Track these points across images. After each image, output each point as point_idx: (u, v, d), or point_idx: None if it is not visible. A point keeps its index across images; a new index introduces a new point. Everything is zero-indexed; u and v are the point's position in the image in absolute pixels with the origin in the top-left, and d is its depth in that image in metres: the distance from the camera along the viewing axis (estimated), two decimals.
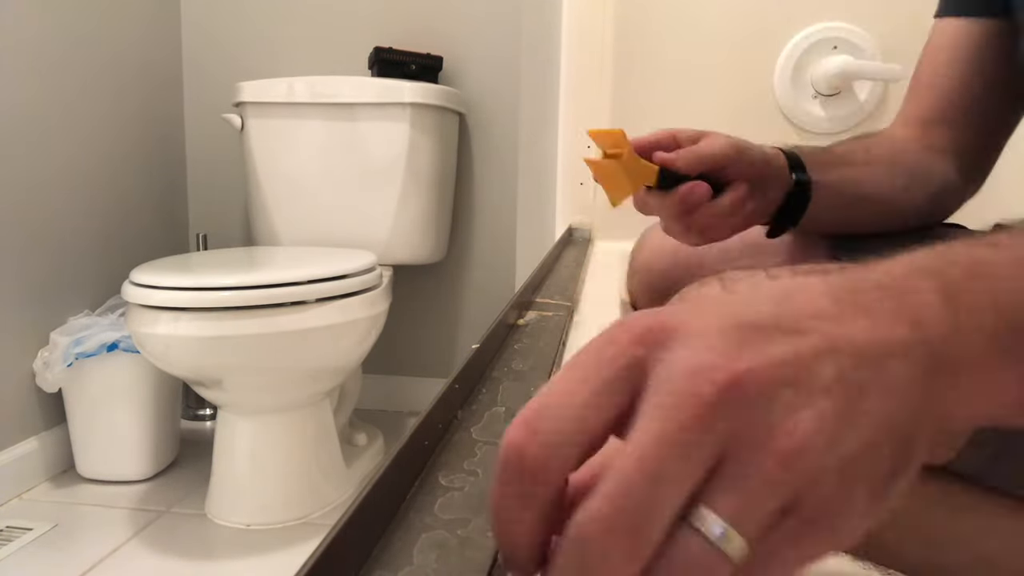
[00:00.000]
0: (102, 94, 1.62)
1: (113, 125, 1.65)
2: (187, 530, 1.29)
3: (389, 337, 1.64)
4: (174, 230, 1.87)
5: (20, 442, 1.41)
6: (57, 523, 1.29)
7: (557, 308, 0.69)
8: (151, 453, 1.47)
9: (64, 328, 1.45)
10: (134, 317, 1.20)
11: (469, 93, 1.75)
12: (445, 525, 0.29)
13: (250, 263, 1.43)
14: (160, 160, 1.81)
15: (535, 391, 0.44)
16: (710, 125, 0.91)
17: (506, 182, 1.77)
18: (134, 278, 1.20)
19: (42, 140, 1.46)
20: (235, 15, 1.83)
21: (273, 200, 1.62)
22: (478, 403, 0.42)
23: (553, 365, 0.50)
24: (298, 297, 1.21)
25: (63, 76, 1.50)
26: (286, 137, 1.59)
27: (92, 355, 1.38)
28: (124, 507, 1.37)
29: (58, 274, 1.50)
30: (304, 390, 1.34)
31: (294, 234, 1.62)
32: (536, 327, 0.61)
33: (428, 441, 0.36)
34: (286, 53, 1.80)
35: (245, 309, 1.17)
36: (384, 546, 0.27)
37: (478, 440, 0.37)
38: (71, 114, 1.53)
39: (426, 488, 0.32)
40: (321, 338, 1.26)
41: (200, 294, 1.15)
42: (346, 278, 1.28)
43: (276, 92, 1.57)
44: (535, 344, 0.56)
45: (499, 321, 0.56)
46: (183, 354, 1.19)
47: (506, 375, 0.48)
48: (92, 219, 1.59)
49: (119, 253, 1.64)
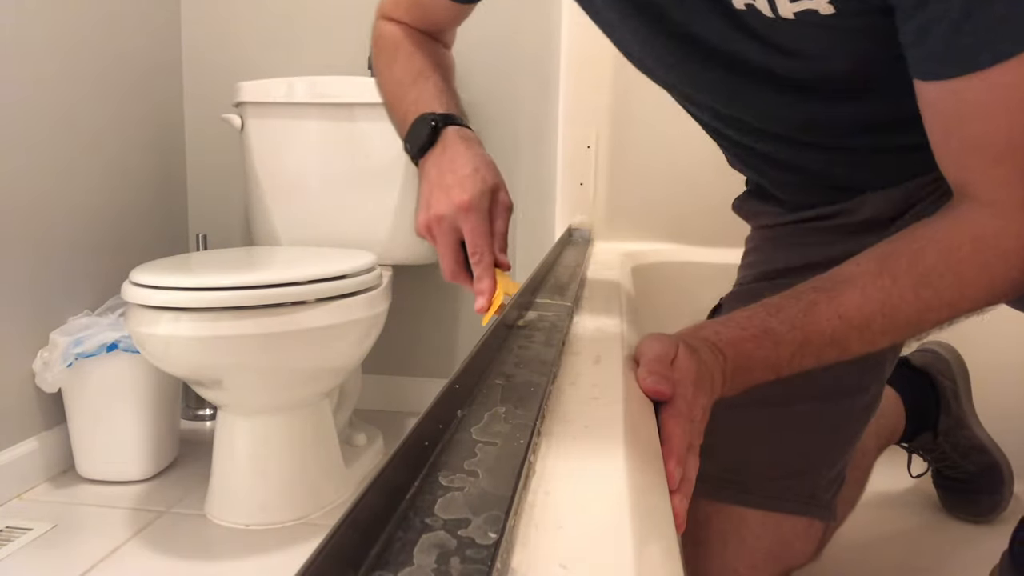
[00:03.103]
0: (102, 94, 1.62)
1: (113, 125, 1.65)
2: (187, 530, 1.29)
3: (389, 337, 1.64)
4: (174, 230, 1.87)
5: (20, 442, 1.41)
6: (57, 523, 1.29)
7: (557, 308, 0.69)
8: (151, 453, 1.47)
9: (64, 328, 1.45)
10: (134, 317, 1.20)
11: (469, 94, 1.75)
12: (445, 525, 0.29)
13: (250, 263, 1.43)
14: (160, 160, 1.81)
15: (535, 391, 0.44)
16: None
17: (506, 182, 1.76)
18: (134, 278, 1.20)
19: (42, 140, 1.45)
20: (235, 15, 1.83)
21: (273, 200, 1.62)
22: (478, 403, 0.42)
23: (553, 365, 0.50)
24: (298, 297, 1.21)
25: (63, 76, 1.50)
26: (286, 137, 1.59)
27: (92, 355, 1.38)
28: (124, 507, 1.37)
29: (58, 274, 1.50)
30: (304, 390, 1.34)
31: (294, 234, 1.62)
32: (536, 327, 0.61)
33: (428, 441, 0.36)
34: (286, 53, 1.80)
35: (245, 309, 1.17)
36: (384, 546, 0.27)
37: (478, 440, 0.37)
38: (71, 114, 1.53)
39: (426, 488, 0.32)
40: (321, 338, 1.26)
41: (200, 294, 1.15)
42: (346, 278, 1.28)
43: (276, 92, 1.57)
44: (535, 344, 0.56)
45: (499, 321, 0.56)
46: (183, 354, 1.19)
47: (506, 375, 0.48)
48: (92, 219, 1.59)
49: (119, 253, 1.64)
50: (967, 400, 1.23)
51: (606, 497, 0.32)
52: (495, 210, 0.73)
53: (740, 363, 0.54)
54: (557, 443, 0.38)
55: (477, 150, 0.75)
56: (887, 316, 0.56)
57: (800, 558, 0.85)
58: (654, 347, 0.52)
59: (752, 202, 0.94)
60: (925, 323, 0.58)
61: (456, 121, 0.77)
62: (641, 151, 1.53)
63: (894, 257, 0.57)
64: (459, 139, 0.75)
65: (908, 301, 0.56)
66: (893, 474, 1.23)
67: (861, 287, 0.56)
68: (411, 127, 0.77)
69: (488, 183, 0.72)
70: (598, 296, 0.84)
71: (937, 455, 1.22)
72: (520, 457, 0.34)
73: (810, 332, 0.55)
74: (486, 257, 0.70)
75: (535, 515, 0.31)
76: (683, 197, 1.49)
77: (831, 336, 0.56)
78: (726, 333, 0.55)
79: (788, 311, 0.56)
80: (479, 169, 0.72)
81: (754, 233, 0.95)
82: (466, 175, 0.71)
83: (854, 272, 0.58)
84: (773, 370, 0.56)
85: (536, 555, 0.28)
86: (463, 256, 0.72)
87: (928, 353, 1.25)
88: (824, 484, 0.83)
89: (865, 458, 1.02)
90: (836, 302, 0.56)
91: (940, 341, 1.27)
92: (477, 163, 0.73)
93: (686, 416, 0.48)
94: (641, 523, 0.31)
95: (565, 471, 0.35)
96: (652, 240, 1.51)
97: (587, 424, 0.40)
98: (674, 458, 0.45)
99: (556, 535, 0.29)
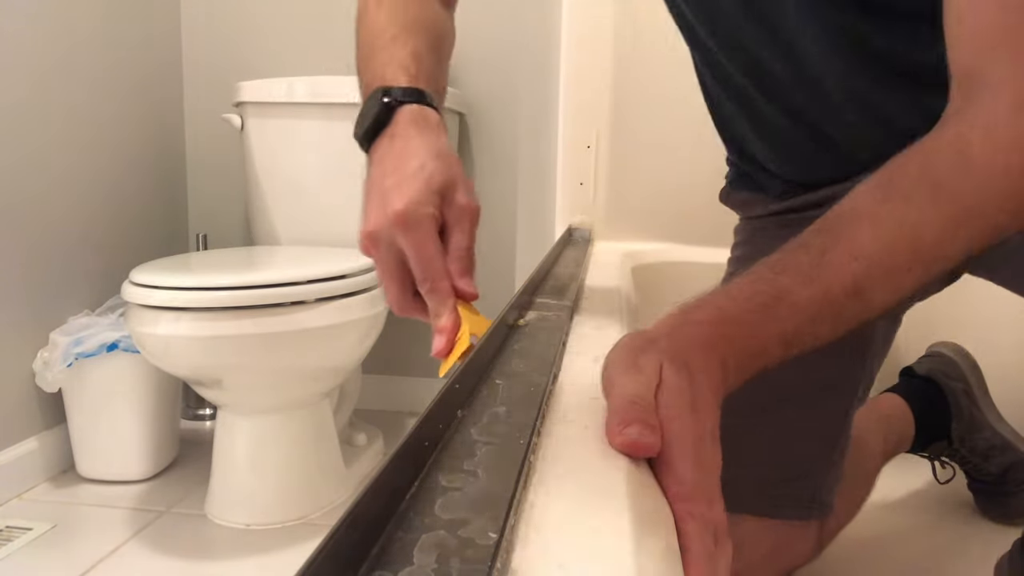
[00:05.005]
0: (102, 94, 1.62)
1: (113, 125, 1.65)
2: (187, 530, 1.29)
3: (389, 337, 1.64)
4: (174, 230, 1.87)
5: (20, 442, 1.41)
6: (57, 523, 1.29)
7: (557, 308, 0.69)
8: (151, 453, 1.47)
9: (64, 328, 1.45)
10: (134, 317, 1.20)
11: (469, 93, 1.75)
12: (445, 525, 0.29)
13: (250, 263, 1.43)
14: (160, 160, 1.81)
15: (535, 391, 0.44)
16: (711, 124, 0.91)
17: (506, 182, 1.77)
18: (134, 278, 1.20)
19: (42, 140, 1.45)
20: (235, 15, 1.83)
21: (273, 200, 1.62)
22: (478, 403, 0.42)
23: (553, 365, 0.50)
24: (298, 297, 1.21)
25: (63, 76, 1.50)
26: (286, 137, 1.59)
27: (92, 355, 1.38)
28: (124, 507, 1.37)
29: (58, 274, 1.50)
30: (304, 390, 1.34)
31: (294, 234, 1.62)
32: (536, 327, 0.61)
33: (428, 441, 0.36)
34: (286, 53, 1.80)
35: (245, 309, 1.17)
36: (384, 546, 0.27)
37: (478, 440, 0.37)
38: (71, 114, 1.53)
39: (426, 488, 0.32)
40: (321, 338, 1.26)
41: (200, 294, 1.15)
42: (346, 278, 1.28)
43: (276, 92, 1.57)
44: (535, 344, 0.56)
45: (499, 321, 0.56)
46: (183, 354, 1.19)
47: (506, 375, 0.48)
48: (92, 219, 1.59)
49: (119, 253, 1.64)
50: (982, 396, 1.19)
51: (606, 497, 0.32)
52: (451, 219, 0.56)
53: (748, 347, 0.43)
54: (557, 443, 0.38)
55: (429, 138, 0.58)
56: (909, 246, 0.46)
57: (800, 558, 0.85)
58: (626, 385, 0.38)
59: (738, 192, 0.93)
60: (951, 246, 0.48)
61: (420, 99, 0.60)
62: (641, 151, 1.53)
63: (900, 174, 0.49)
64: (411, 123, 0.59)
65: (928, 219, 0.47)
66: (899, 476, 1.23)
67: (871, 218, 0.47)
68: (363, 104, 0.63)
69: (436, 183, 0.55)
70: (598, 296, 0.83)
71: (959, 460, 1.19)
72: (520, 457, 0.34)
73: (830, 283, 0.45)
74: (439, 285, 0.54)
75: (535, 515, 0.31)
76: (683, 197, 1.49)
77: (853, 285, 0.45)
78: (729, 308, 0.44)
79: (799, 263, 0.46)
80: (425, 165, 0.55)
81: (744, 224, 0.94)
82: (408, 175, 0.55)
83: (857, 205, 0.49)
84: (787, 345, 0.45)
85: (536, 555, 0.28)
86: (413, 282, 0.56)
87: (933, 358, 1.22)
88: (827, 485, 0.83)
89: (871, 461, 1.02)
90: (847, 242, 0.46)
91: (945, 342, 1.25)
92: (424, 157, 0.56)
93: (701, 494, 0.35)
94: (641, 523, 0.31)
95: (565, 472, 0.35)
96: (652, 240, 1.51)
97: (587, 424, 0.40)
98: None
99: (556, 535, 0.29)
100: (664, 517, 0.33)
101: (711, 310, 0.44)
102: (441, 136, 0.59)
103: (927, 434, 1.15)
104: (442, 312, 0.54)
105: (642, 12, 1.48)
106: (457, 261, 0.55)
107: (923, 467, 1.22)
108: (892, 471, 1.09)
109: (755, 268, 0.47)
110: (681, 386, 0.38)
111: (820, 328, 0.45)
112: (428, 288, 0.54)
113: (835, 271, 0.45)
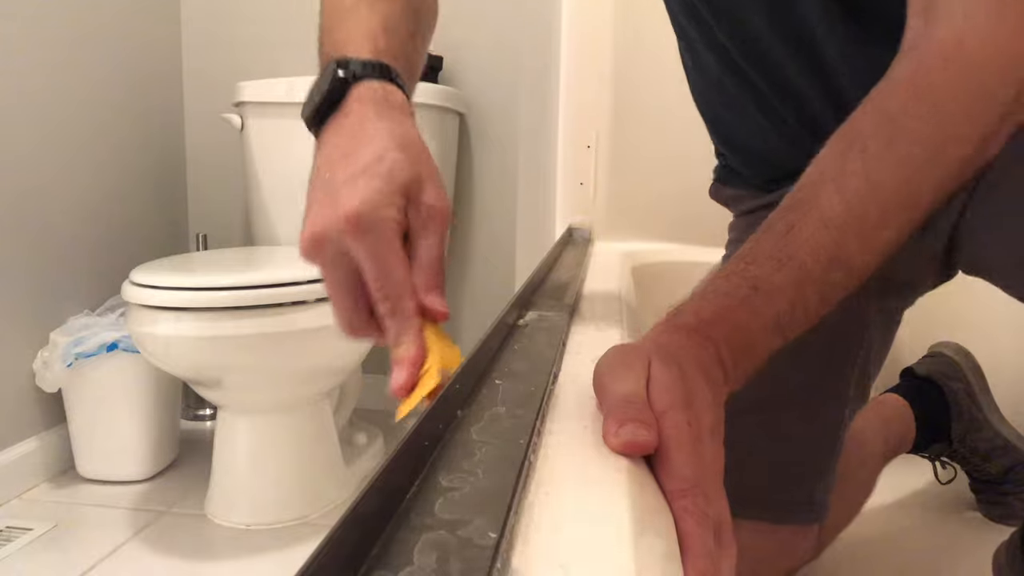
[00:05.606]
0: (102, 94, 1.62)
1: (113, 125, 1.65)
2: (187, 530, 1.29)
3: None
4: (174, 230, 1.87)
5: (20, 442, 1.41)
6: (57, 523, 1.29)
7: (557, 308, 0.69)
8: (151, 453, 1.47)
9: (64, 328, 1.45)
10: (134, 317, 1.20)
11: (469, 93, 1.75)
12: (445, 525, 0.29)
13: (250, 263, 1.43)
14: (160, 160, 1.81)
15: (535, 391, 0.44)
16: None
17: (506, 182, 1.77)
18: (134, 278, 1.20)
19: (41, 140, 1.45)
20: (235, 15, 1.83)
21: (273, 200, 1.62)
22: (478, 403, 0.42)
23: (553, 365, 0.50)
24: (298, 297, 1.21)
25: (63, 76, 1.50)
26: (286, 137, 1.59)
27: (92, 355, 1.38)
28: (124, 507, 1.37)
29: (58, 274, 1.50)
30: (304, 390, 1.34)
31: (294, 234, 1.61)
32: (536, 327, 0.61)
33: (428, 441, 0.36)
34: (286, 53, 1.80)
35: (245, 309, 1.17)
36: (384, 546, 0.27)
37: (478, 440, 0.37)
38: (71, 114, 1.53)
39: (426, 488, 0.32)
40: (321, 338, 1.26)
41: (200, 294, 1.15)
42: None
43: (276, 92, 1.57)
44: (535, 344, 0.56)
45: (499, 321, 0.56)
46: (183, 354, 1.19)
47: (506, 375, 0.48)
48: (92, 219, 1.59)
49: (119, 253, 1.64)
50: (984, 397, 1.19)
51: (606, 497, 0.32)
52: (416, 223, 0.46)
53: (738, 342, 0.42)
54: (557, 443, 0.38)
55: (391, 123, 0.48)
56: (875, 200, 0.44)
57: (800, 560, 0.85)
58: (618, 385, 0.37)
59: (727, 187, 0.92)
60: (918, 190, 0.45)
61: (383, 74, 0.50)
62: (641, 151, 1.53)
63: (857, 119, 0.47)
64: (370, 102, 0.49)
65: (888, 165, 0.44)
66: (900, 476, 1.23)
67: (832, 178, 0.45)
68: (316, 79, 0.53)
69: (398, 179, 0.45)
70: (598, 296, 0.83)
71: (960, 460, 1.19)
72: (520, 457, 0.34)
73: (802, 260, 0.43)
74: (402, 305, 0.45)
75: (535, 515, 0.31)
76: (683, 197, 1.48)
77: (828, 253, 0.43)
78: (708, 310, 0.42)
79: (766, 248, 0.45)
80: (384, 157, 0.45)
81: (737, 221, 0.94)
82: (364, 166, 0.45)
83: (818, 167, 0.47)
84: (778, 331, 0.43)
85: (536, 555, 0.28)
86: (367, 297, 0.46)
87: (934, 359, 1.22)
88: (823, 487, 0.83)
89: (872, 461, 1.01)
90: (813, 210, 0.45)
91: (946, 342, 1.25)
92: (383, 145, 0.46)
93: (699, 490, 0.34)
94: (641, 523, 0.31)
95: (565, 471, 0.35)
96: (652, 240, 1.51)
97: (587, 424, 0.40)
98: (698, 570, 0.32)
99: (556, 535, 0.29)
100: (664, 517, 0.33)
101: (690, 316, 0.42)
102: (406, 121, 0.49)
103: (928, 435, 1.15)
104: (404, 338, 0.45)
105: (642, 13, 1.48)
106: (424, 273, 0.46)
107: (924, 468, 1.22)
108: (893, 471, 1.09)
109: (729, 263, 0.45)
110: (671, 380, 0.36)
111: (808, 305, 0.44)
112: (388, 308, 0.46)
113: (805, 245, 0.44)
